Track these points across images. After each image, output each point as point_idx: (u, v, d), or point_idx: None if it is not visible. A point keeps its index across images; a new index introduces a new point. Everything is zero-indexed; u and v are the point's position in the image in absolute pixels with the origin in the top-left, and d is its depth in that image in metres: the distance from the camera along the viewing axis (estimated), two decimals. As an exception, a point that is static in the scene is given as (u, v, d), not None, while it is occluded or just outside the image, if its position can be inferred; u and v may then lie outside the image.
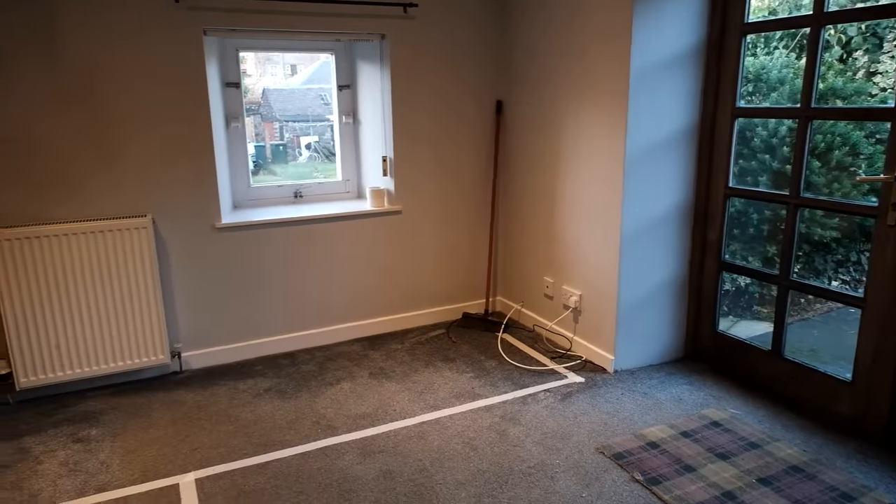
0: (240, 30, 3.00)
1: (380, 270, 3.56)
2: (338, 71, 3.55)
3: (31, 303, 2.73)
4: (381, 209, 3.48)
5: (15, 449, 2.49)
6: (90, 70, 2.74)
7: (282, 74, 4.90)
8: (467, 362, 3.23)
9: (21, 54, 2.63)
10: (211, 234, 3.12)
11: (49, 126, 2.73)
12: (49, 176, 2.77)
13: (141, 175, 2.92)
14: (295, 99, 4.72)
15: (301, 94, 4.75)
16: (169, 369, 3.15)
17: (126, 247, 2.85)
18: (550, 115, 3.29)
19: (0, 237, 2.62)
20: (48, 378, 2.82)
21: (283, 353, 3.37)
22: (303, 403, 2.83)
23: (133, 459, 2.42)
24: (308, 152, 4.52)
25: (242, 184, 3.45)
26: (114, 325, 2.89)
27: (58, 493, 2.22)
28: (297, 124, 4.52)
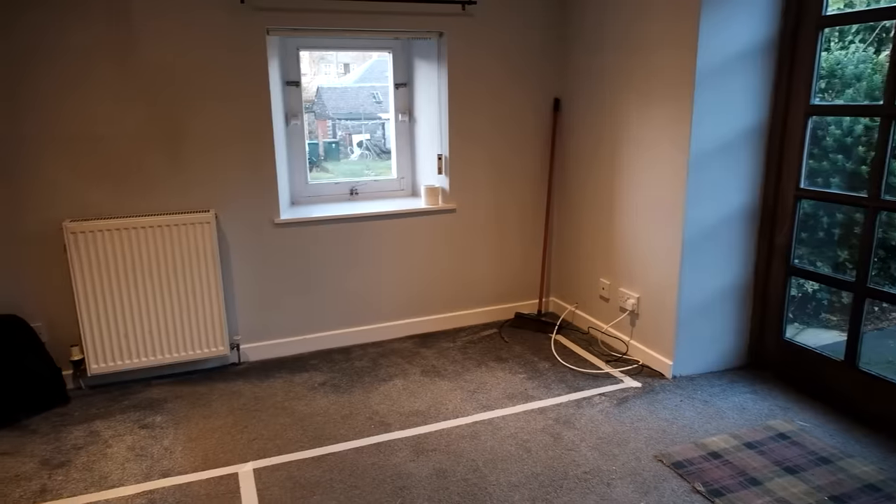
0: (302, 29, 3.05)
1: (433, 268, 3.56)
2: (395, 69, 3.57)
3: (102, 293, 2.85)
4: (436, 207, 3.48)
5: (87, 432, 2.61)
6: (162, 72, 2.84)
7: (335, 73, 4.98)
8: (520, 363, 3.20)
9: (102, 58, 2.74)
10: (270, 229, 3.18)
11: (127, 125, 2.84)
12: (125, 172, 2.89)
13: (205, 171, 3.01)
14: (348, 97, 4.78)
15: (354, 93, 4.80)
16: (228, 361, 3.24)
17: (190, 241, 2.94)
18: (610, 112, 3.21)
19: (77, 229, 2.75)
20: (116, 366, 2.94)
21: (337, 349, 3.42)
22: (356, 399, 2.86)
23: (195, 447, 2.49)
24: (360, 150, 4.57)
25: (300, 180, 3.51)
26: (178, 316, 2.99)
27: (126, 476, 2.31)
28: (350, 122, 4.58)
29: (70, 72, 2.72)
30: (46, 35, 2.66)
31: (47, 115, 2.73)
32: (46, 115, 2.72)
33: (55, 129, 2.75)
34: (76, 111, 2.76)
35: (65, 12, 2.66)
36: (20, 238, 2.79)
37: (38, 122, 2.72)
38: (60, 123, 2.75)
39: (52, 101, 2.72)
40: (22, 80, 2.66)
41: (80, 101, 2.76)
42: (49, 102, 2.72)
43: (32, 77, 2.67)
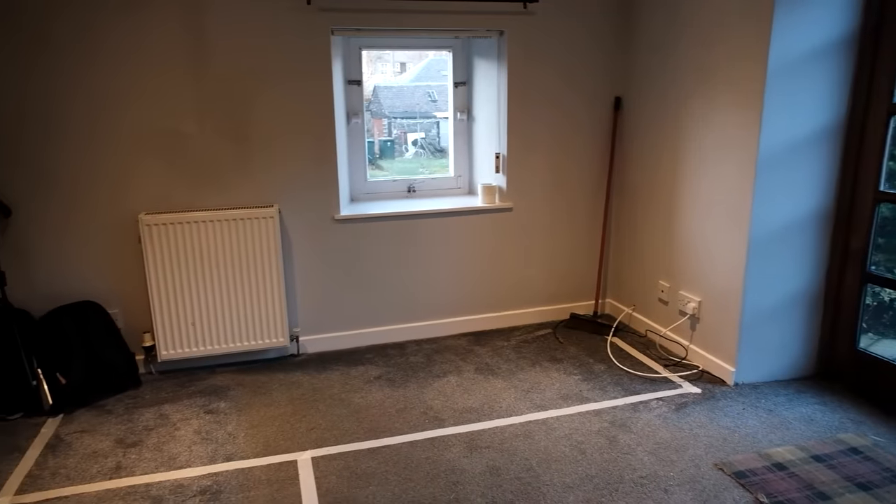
0: (365, 29, 3.11)
1: (488, 266, 3.57)
2: (454, 68, 3.59)
3: (173, 283, 2.99)
4: (493, 206, 3.48)
5: (157, 414, 2.74)
6: (233, 74, 2.96)
7: (391, 72, 5.04)
8: (575, 364, 3.16)
9: (179, 59, 2.87)
10: (330, 225, 3.26)
11: (202, 124, 2.97)
12: (199, 168, 3.02)
13: (271, 168, 3.11)
14: (404, 96, 4.83)
15: (410, 92, 4.85)
16: (287, 352, 3.34)
17: (255, 235, 3.05)
18: (674, 109, 3.13)
19: (151, 222, 2.90)
20: (184, 353, 3.07)
21: (392, 343, 3.47)
22: (411, 393, 2.90)
23: (256, 434, 2.58)
24: (414, 148, 4.62)
25: (359, 178, 3.58)
26: (241, 307, 3.10)
27: (192, 458, 2.42)
28: (405, 121, 4.63)
29: (152, 74, 2.86)
30: (131, 39, 2.80)
31: (130, 113, 2.88)
32: (129, 114, 2.88)
33: (137, 127, 2.90)
34: (157, 110, 2.90)
35: (146, 18, 2.80)
36: (100, 229, 2.96)
37: (122, 120, 2.87)
38: (142, 121, 2.90)
39: (136, 100, 2.87)
40: (109, 82, 2.82)
41: (161, 100, 2.90)
42: (133, 102, 2.87)
43: (118, 78, 2.82)
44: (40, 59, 2.73)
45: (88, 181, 2.89)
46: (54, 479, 2.28)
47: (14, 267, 2.87)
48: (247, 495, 2.19)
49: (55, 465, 2.38)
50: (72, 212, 2.90)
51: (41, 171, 2.83)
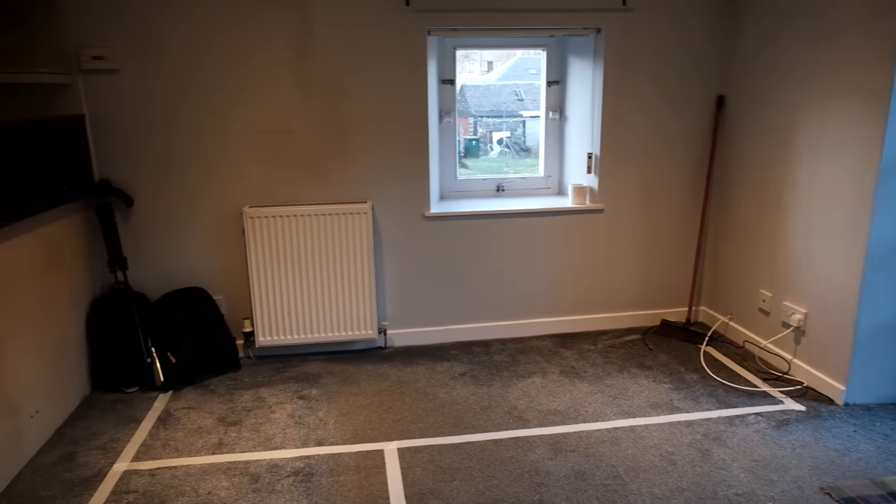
0: (461, 29, 3.14)
1: (576, 268, 3.51)
2: (548, 66, 3.55)
3: (272, 273, 3.15)
4: (583, 207, 3.43)
5: (254, 397, 2.90)
6: (333, 73, 3.07)
7: (478, 71, 5.06)
8: (665, 372, 3.05)
9: (283, 59, 3.03)
10: (420, 222, 3.32)
11: (305, 122, 3.11)
12: (299, 164, 3.17)
13: (365, 165, 3.21)
14: (490, 95, 4.83)
15: (496, 91, 4.85)
16: (375, 344, 3.43)
17: (348, 229, 3.16)
18: (784, 109, 2.95)
19: (254, 214, 3.07)
20: (280, 340, 3.23)
21: (476, 341, 3.49)
22: (495, 391, 2.91)
23: (345, 421, 2.68)
24: (499, 147, 4.61)
25: (449, 176, 3.62)
26: (334, 299, 3.22)
27: (286, 440, 2.54)
28: (491, 120, 4.63)
29: (258, 75, 3.03)
30: (242, 42, 2.98)
31: (238, 112, 3.06)
32: (238, 113, 3.06)
33: (245, 125, 3.08)
34: (262, 109, 3.07)
35: (255, 24, 2.97)
36: (209, 220, 3.16)
37: (231, 118, 3.06)
38: (249, 120, 3.07)
39: (244, 100, 3.05)
40: (221, 83, 3.01)
41: (266, 100, 3.06)
42: (241, 101, 3.05)
43: (229, 79, 3.01)
44: (164, 63, 2.95)
45: (200, 175, 3.10)
46: (165, 450, 2.47)
47: (133, 253, 3.13)
48: (336, 479, 2.27)
49: (165, 437, 2.57)
50: (185, 204, 3.12)
51: (159, 166, 3.06)
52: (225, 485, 2.25)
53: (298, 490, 2.21)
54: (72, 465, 2.38)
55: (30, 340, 2.46)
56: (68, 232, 2.82)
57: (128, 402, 2.86)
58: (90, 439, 2.55)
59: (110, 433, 2.60)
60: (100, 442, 2.53)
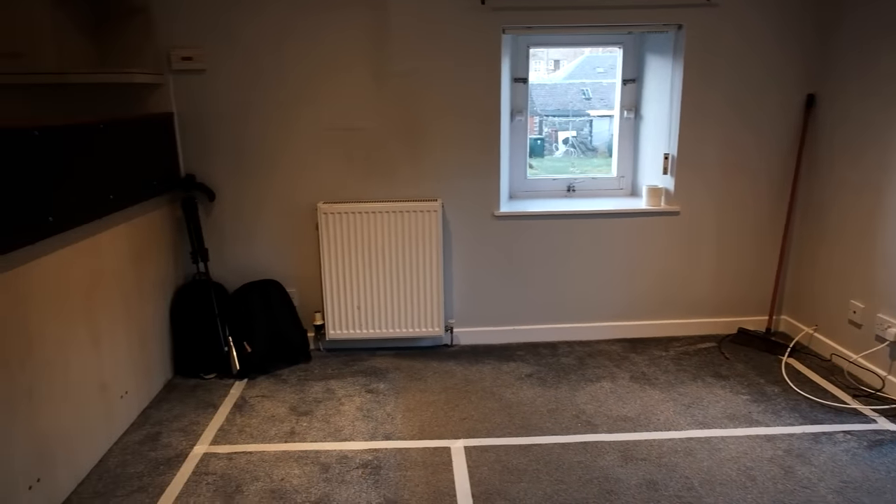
0: (537, 27, 3.11)
1: (648, 272, 3.41)
2: (624, 64, 3.47)
3: (343, 268, 3.22)
4: (657, 208, 3.32)
5: (324, 389, 2.97)
6: (407, 71, 3.11)
7: (544, 69, 4.99)
8: (743, 383, 2.92)
9: (358, 57, 3.09)
10: (489, 221, 3.31)
11: (376, 120, 3.17)
12: (372, 162, 3.22)
13: (436, 163, 3.23)
14: (556, 94, 4.75)
15: (563, 89, 4.77)
16: (441, 342, 3.45)
17: (418, 227, 3.18)
18: (884, 105, 2.77)
19: (328, 210, 3.14)
20: (349, 334, 3.30)
21: (543, 343, 3.45)
22: (562, 394, 2.86)
23: (412, 417, 2.70)
24: (565, 147, 4.53)
25: (519, 175, 3.59)
26: (403, 295, 3.26)
27: (355, 432, 2.59)
28: (557, 119, 4.55)
29: (335, 73, 3.10)
30: (317, 41, 3.06)
31: (315, 109, 3.14)
32: (314, 110, 3.14)
33: (321, 122, 3.16)
34: (338, 107, 3.14)
35: (330, 21, 3.04)
36: (284, 215, 3.26)
37: (307, 116, 3.15)
38: (325, 117, 3.15)
39: (320, 97, 3.12)
40: (298, 81, 3.10)
41: (341, 98, 3.13)
42: (317, 99, 3.13)
43: (306, 77, 3.10)
44: (246, 63, 3.07)
45: (277, 172, 3.21)
46: (240, 436, 2.57)
47: (214, 245, 3.27)
48: (404, 474, 2.30)
49: (241, 423, 2.67)
50: (262, 199, 3.24)
51: (239, 162, 3.18)
52: (297, 472, 2.31)
53: (367, 482, 2.25)
54: (156, 444, 2.51)
55: (122, 325, 2.61)
56: (156, 224, 2.97)
57: (206, 388, 2.99)
58: (172, 421, 2.69)
59: (190, 416, 2.73)
60: (181, 424, 2.66)
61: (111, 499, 2.18)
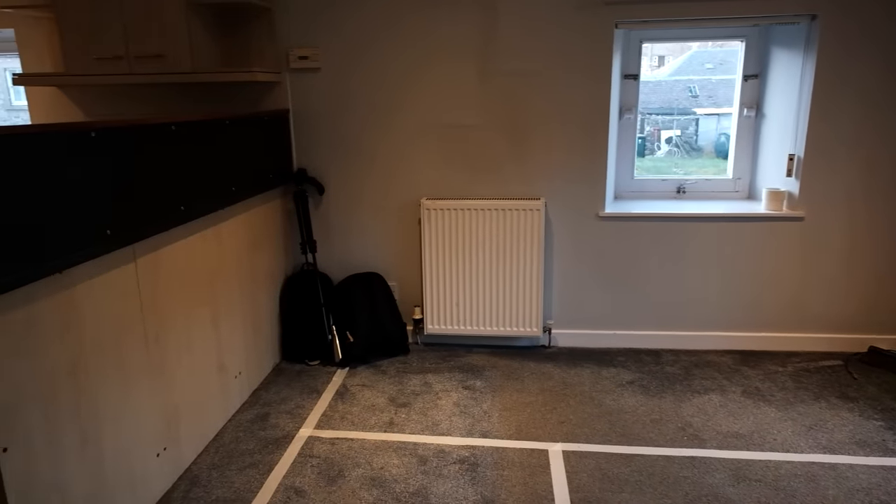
0: (652, 21, 2.99)
1: (765, 280, 3.18)
2: (746, 59, 3.26)
3: (443, 263, 3.25)
4: (778, 213, 3.10)
5: (422, 382, 3.02)
6: (515, 68, 3.08)
7: (648, 66, 4.78)
8: (875, 407, 2.66)
9: (466, 53, 3.10)
10: (593, 221, 3.22)
11: (482, 117, 3.17)
12: (476, 159, 3.23)
13: (542, 161, 3.18)
14: (661, 91, 4.54)
15: (668, 87, 4.55)
16: (539, 342, 3.40)
17: (520, 225, 3.15)
18: None
19: (431, 206, 3.18)
20: (447, 329, 3.33)
21: (645, 349, 3.31)
22: (667, 405, 2.73)
23: (509, 416, 2.68)
24: (668, 146, 4.33)
25: (626, 175, 3.47)
26: (501, 293, 3.24)
27: (452, 427, 2.61)
28: (660, 117, 4.36)
29: (442, 69, 3.13)
30: (426, 37, 3.10)
31: (421, 105, 3.19)
32: (421, 106, 3.19)
33: (427, 119, 3.20)
34: (444, 103, 3.17)
35: (440, 17, 3.07)
36: (388, 209, 3.34)
37: (414, 112, 3.20)
38: (431, 114, 3.19)
39: (427, 94, 3.17)
40: (406, 78, 3.16)
41: (448, 95, 3.16)
42: (424, 95, 3.17)
43: (414, 74, 3.15)
44: (356, 61, 3.16)
45: (383, 167, 3.28)
46: (342, 422, 2.66)
47: (321, 237, 3.40)
48: (501, 473, 2.28)
49: (343, 410, 2.76)
50: (368, 193, 3.33)
51: (347, 157, 3.29)
52: (395, 462, 2.36)
53: (464, 478, 2.26)
54: (266, 424, 2.65)
55: (238, 309, 2.77)
56: (270, 215, 3.13)
57: (310, 374, 3.12)
58: (280, 403, 2.82)
59: (296, 400, 2.85)
60: (288, 407, 2.79)
61: (226, 471, 2.32)
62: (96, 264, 1.84)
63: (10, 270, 1.47)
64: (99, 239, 1.78)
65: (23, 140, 1.51)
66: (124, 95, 3.31)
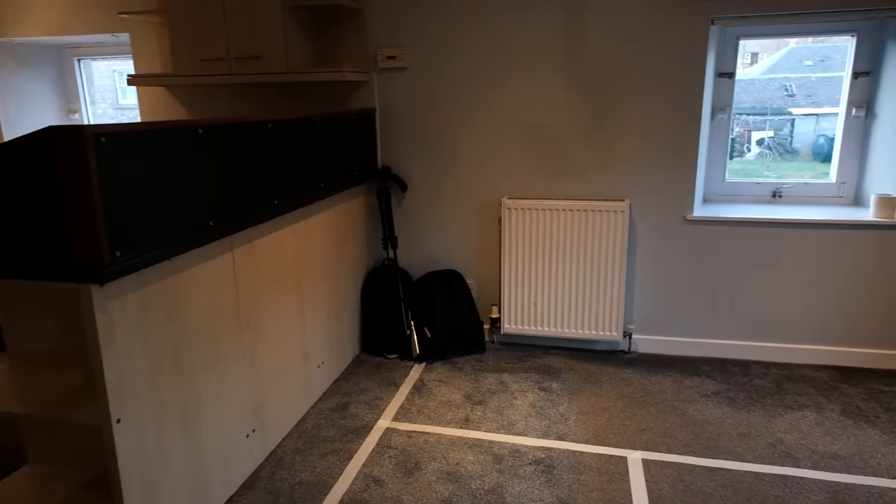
0: (753, 17, 2.85)
1: (870, 292, 2.97)
2: (856, 55, 3.04)
3: (522, 263, 3.23)
4: (889, 221, 2.87)
5: (497, 381, 3.02)
6: (601, 67, 3.02)
7: (740, 63, 4.54)
8: None
9: (551, 53, 3.07)
10: (680, 225, 3.11)
11: (566, 116, 3.13)
12: (558, 158, 3.20)
13: (627, 162, 3.10)
14: (753, 90, 4.30)
15: (761, 85, 4.31)
16: (618, 347, 3.32)
17: (603, 227, 3.09)
18: None
19: (512, 206, 3.17)
20: (523, 329, 3.31)
21: (732, 360, 3.17)
22: (756, 419, 2.60)
23: (586, 421, 2.64)
24: (759, 148, 4.09)
25: (716, 177, 3.33)
26: (581, 296, 3.19)
27: (528, 428, 2.59)
28: (751, 117, 4.13)
29: (526, 69, 3.11)
30: (511, 37, 3.09)
31: (505, 104, 3.19)
32: (504, 105, 3.19)
33: (510, 118, 3.20)
34: (528, 103, 3.16)
35: (526, 18, 3.05)
36: (468, 208, 3.36)
37: (497, 111, 3.20)
38: (514, 113, 3.18)
39: (511, 93, 3.16)
40: (490, 77, 3.16)
41: (532, 94, 3.14)
42: (508, 94, 3.17)
43: (498, 73, 3.15)
44: (441, 61, 3.20)
45: (464, 166, 3.31)
46: (419, 416, 2.70)
47: (402, 233, 3.46)
48: (578, 478, 2.25)
49: (419, 404, 2.80)
50: (449, 191, 3.36)
51: (429, 155, 3.33)
52: (471, 459, 2.37)
53: (540, 480, 2.24)
54: (346, 413, 2.73)
55: (322, 300, 2.87)
56: (355, 210, 3.22)
57: (388, 367, 3.19)
58: (359, 394, 2.90)
59: (375, 391, 2.93)
60: (367, 398, 2.87)
61: (308, 456, 2.41)
62: (199, 253, 1.96)
63: (130, 255, 1.59)
64: (203, 229, 1.90)
65: (144, 137, 1.63)
66: (221, 94, 3.51)
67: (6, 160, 1.50)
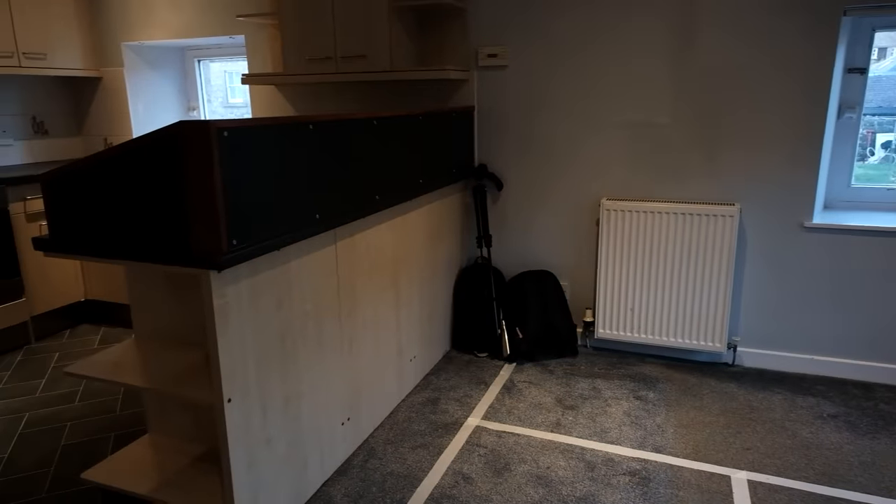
0: (889, 5, 2.59)
1: None
2: None
3: (620, 267, 3.12)
4: None
5: (590, 387, 2.93)
6: (715, 64, 2.86)
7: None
8: None
9: (661, 51, 2.94)
10: (796, 232, 2.89)
11: (673, 116, 3.00)
12: (662, 159, 3.07)
13: (738, 164, 2.92)
14: (879, 88, 3.90)
15: (889, 83, 3.90)
16: (721, 359, 3.14)
17: (710, 232, 2.92)
18: None
19: (611, 207, 3.07)
20: (618, 335, 3.20)
21: (853, 381, 2.91)
22: (882, 447, 2.37)
23: (685, 434, 2.51)
24: (885, 152, 3.71)
25: (841, 182, 3.06)
26: (682, 303, 3.04)
27: (622, 437, 2.50)
28: (875, 118, 3.75)
29: (633, 66, 3.00)
30: (619, 36, 2.99)
31: (608, 104, 3.09)
32: (607, 105, 3.09)
33: (613, 117, 3.10)
34: (632, 102, 3.04)
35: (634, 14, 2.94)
36: (564, 208, 3.29)
37: (599, 110, 3.11)
38: (618, 112, 3.08)
39: (615, 92, 3.06)
40: (593, 76, 3.08)
41: (637, 93, 3.02)
42: (612, 94, 3.07)
43: (602, 72, 3.06)
44: (542, 59, 3.15)
45: (562, 165, 3.24)
46: (509, 416, 2.67)
47: (497, 232, 3.45)
48: (676, 493, 2.14)
49: (509, 404, 2.78)
50: (545, 191, 3.30)
51: (527, 154, 3.29)
52: (562, 464, 2.32)
53: (635, 492, 2.15)
54: (436, 409, 2.75)
55: (417, 295, 2.91)
56: (450, 208, 3.24)
57: (478, 365, 3.19)
58: (450, 390, 2.92)
59: (465, 389, 2.93)
60: (457, 395, 2.87)
61: (399, 448, 2.45)
62: (305, 245, 2.03)
63: (245, 244, 1.67)
64: (310, 221, 1.97)
65: (260, 132, 1.71)
66: (327, 92, 3.64)
67: (139, 153, 1.62)
